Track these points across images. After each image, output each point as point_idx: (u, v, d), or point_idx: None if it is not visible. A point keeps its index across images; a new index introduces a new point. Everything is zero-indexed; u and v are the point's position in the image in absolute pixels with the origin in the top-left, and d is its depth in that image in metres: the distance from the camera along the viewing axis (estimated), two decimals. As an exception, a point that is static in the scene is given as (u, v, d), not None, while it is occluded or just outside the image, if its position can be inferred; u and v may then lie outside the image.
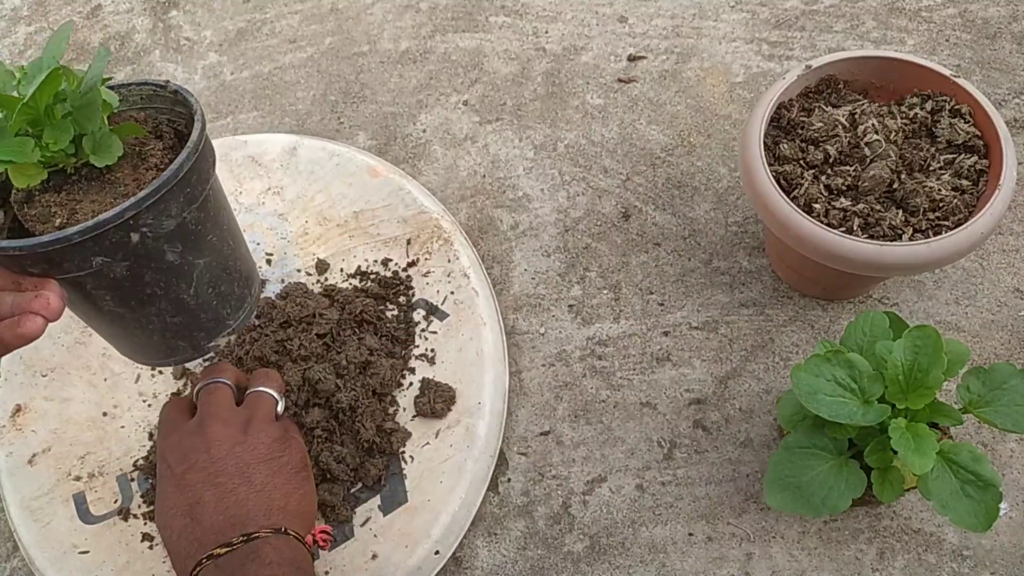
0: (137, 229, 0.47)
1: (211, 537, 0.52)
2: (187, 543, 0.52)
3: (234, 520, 0.52)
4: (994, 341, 0.72)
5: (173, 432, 0.58)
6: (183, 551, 0.52)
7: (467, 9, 0.98)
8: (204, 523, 0.52)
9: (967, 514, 0.51)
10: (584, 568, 0.66)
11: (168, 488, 0.55)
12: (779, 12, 0.93)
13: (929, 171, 0.65)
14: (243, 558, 0.50)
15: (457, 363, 0.72)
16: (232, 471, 0.55)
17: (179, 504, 0.54)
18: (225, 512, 0.53)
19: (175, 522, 0.53)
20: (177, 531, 0.53)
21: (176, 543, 0.53)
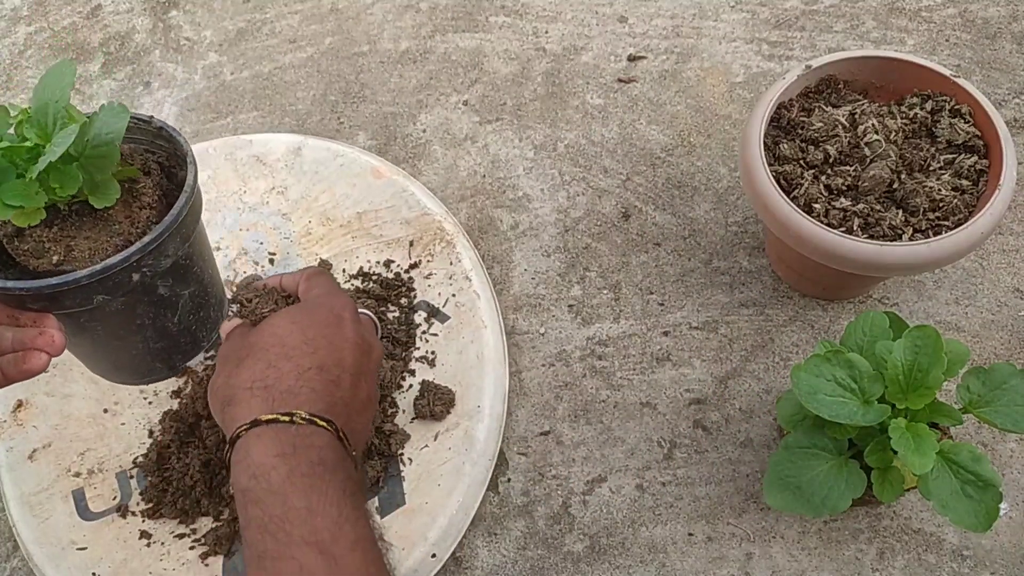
0: (139, 270, 0.49)
1: (342, 414, 0.47)
2: (322, 388, 0.47)
3: (357, 428, 0.48)
4: (994, 341, 0.72)
5: (350, 305, 0.53)
6: (316, 385, 0.47)
7: (467, 9, 0.98)
8: (344, 396, 0.48)
9: (967, 514, 0.51)
10: (584, 568, 0.66)
11: (334, 325, 0.50)
12: (779, 12, 0.93)
13: (929, 171, 0.65)
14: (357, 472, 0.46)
15: (457, 366, 0.72)
16: (371, 392, 0.51)
17: (338, 350, 0.49)
18: (358, 414, 0.49)
19: (320, 353, 0.48)
20: (319, 363, 0.48)
21: (312, 371, 0.47)
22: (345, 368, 0.49)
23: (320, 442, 0.44)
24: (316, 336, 0.49)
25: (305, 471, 0.42)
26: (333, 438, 0.45)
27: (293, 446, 0.43)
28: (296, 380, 0.46)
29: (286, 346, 0.48)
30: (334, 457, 0.44)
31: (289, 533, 0.40)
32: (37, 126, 0.47)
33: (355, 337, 0.51)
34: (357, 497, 0.43)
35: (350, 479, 0.44)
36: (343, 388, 0.48)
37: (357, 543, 0.41)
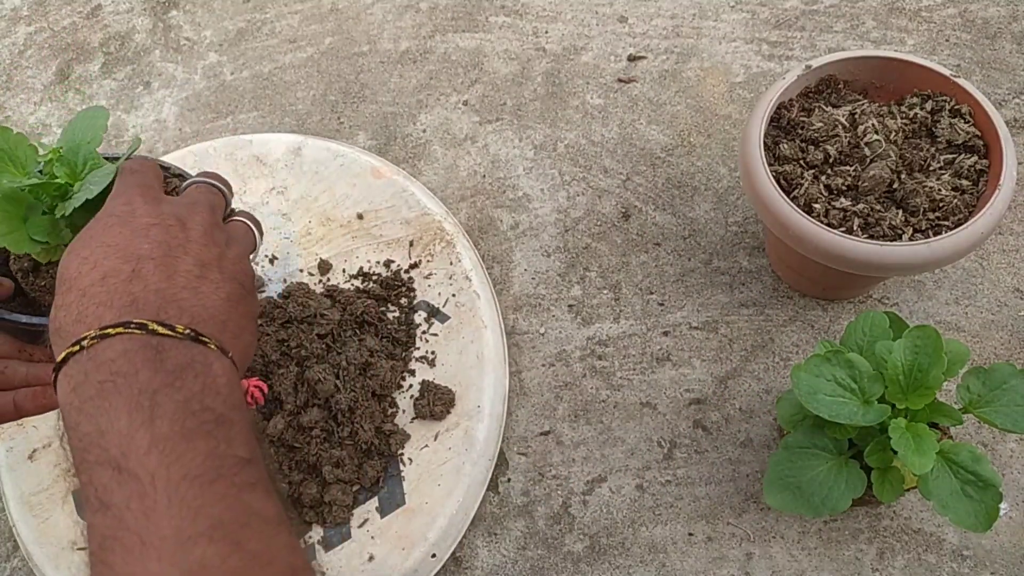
0: None
1: (152, 304, 0.40)
2: (114, 293, 0.40)
3: (184, 306, 0.41)
4: (994, 341, 0.72)
5: (151, 188, 0.47)
6: (103, 298, 0.40)
7: (467, 9, 0.98)
8: (149, 284, 0.40)
9: (967, 514, 0.51)
10: (584, 568, 0.66)
11: (115, 224, 0.43)
12: (779, 12, 0.93)
13: (929, 171, 0.65)
14: (188, 353, 0.39)
15: (457, 366, 0.72)
16: (202, 262, 0.43)
17: (125, 247, 0.42)
18: (179, 291, 0.41)
19: (108, 261, 0.41)
20: (104, 271, 0.41)
21: (95, 285, 0.40)
22: (142, 256, 0.41)
23: (112, 354, 0.38)
24: (94, 249, 0.42)
25: (93, 393, 0.37)
26: (133, 338, 0.38)
27: (85, 373, 0.38)
28: (79, 305, 0.40)
29: (66, 279, 0.42)
30: (131, 362, 0.38)
31: (85, 460, 0.37)
32: (67, 165, 0.48)
33: (149, 220, 0.43)
34: (166, 392, 0.37)
35: (160, 372, 0.38)
36: (143, 277, 0.41)
37: (153, 445, 0.36)
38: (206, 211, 0.46)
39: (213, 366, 0.39)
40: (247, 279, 0.45)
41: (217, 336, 0.41)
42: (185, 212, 0.45)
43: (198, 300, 0.41)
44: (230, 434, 0.37)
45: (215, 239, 0.45)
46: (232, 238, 0.47)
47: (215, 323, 0.41)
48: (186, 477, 0.35)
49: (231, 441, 0.37)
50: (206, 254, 0.44)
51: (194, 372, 0.38)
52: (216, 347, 0.40)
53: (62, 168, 0.48)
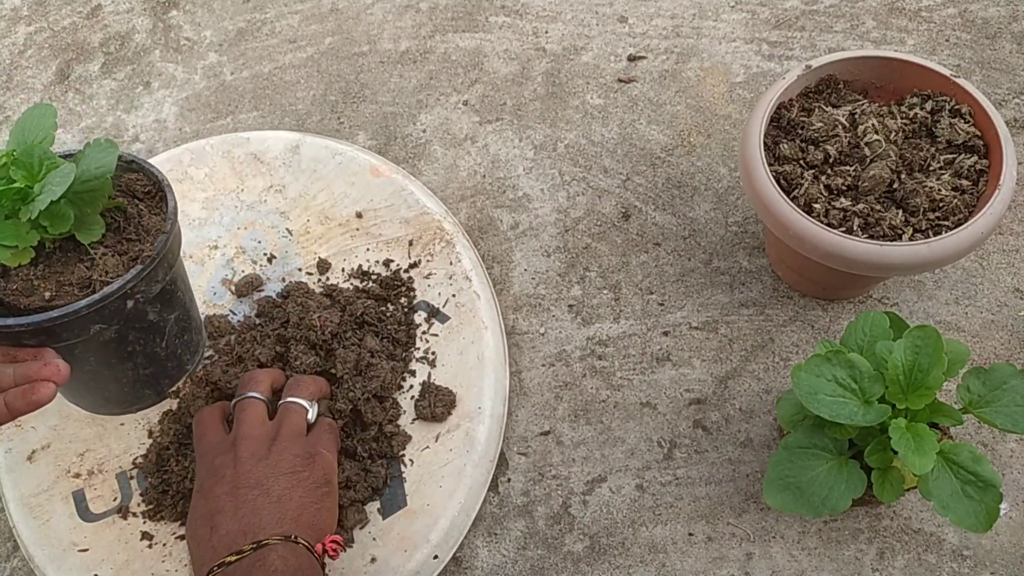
0: (132, 296, 0.51)
1: (225, 544, 0.54)
2: (205, 551, 0.54)
3: (247, 528, 0.54)
4: (994, 341, 0.72)
5: (208, 451, 0.60)
6: (202, 558, 0.54)
7: (467, 9, 0.98)
8: (220, 531, 0.54)
9: (967, 514, 0.51)
10: (584, 568, 0.66)
11: (198, 500, 0.58)
12: (779, 12, 0.93)
13: (929, 171, 0.65)
14: (250, 565, 0.52)
15: (458, 366, 0.72)
16: (252, 483, 0.56)
17: (203, 514, 0.56)
18: (240, 521, 0.55)
19: (199, 531, 0.56)
20: (199, 540, 0.55)
21: (197, 551, 0.55)
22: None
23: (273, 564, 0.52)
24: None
25: None
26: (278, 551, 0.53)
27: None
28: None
29: (203, 513, 0.57)
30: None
31: None
32: (24, 167, 0.48)
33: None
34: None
35: None
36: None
37: None
38: (244, 442, 0.59)
39: (268, 558, 0.53)
40: (296, 460, 0.59)
41: (277, 530, 0.55)
42: (231, 457, 0.59)
43: (255, 516, 0.55)
44: None
45: (258, 455, 0.59)
46: (273, 438, 0.60)
47: (273, 521, 0.55)
48: None
49: None
50: (255, 474, 0.58)
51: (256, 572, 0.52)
52: (276, 539, 0.54)
53: (19, 171, 0.48)
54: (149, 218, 0.54)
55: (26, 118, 0.51)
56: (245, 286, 0.77)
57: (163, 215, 0.54)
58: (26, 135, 0.50)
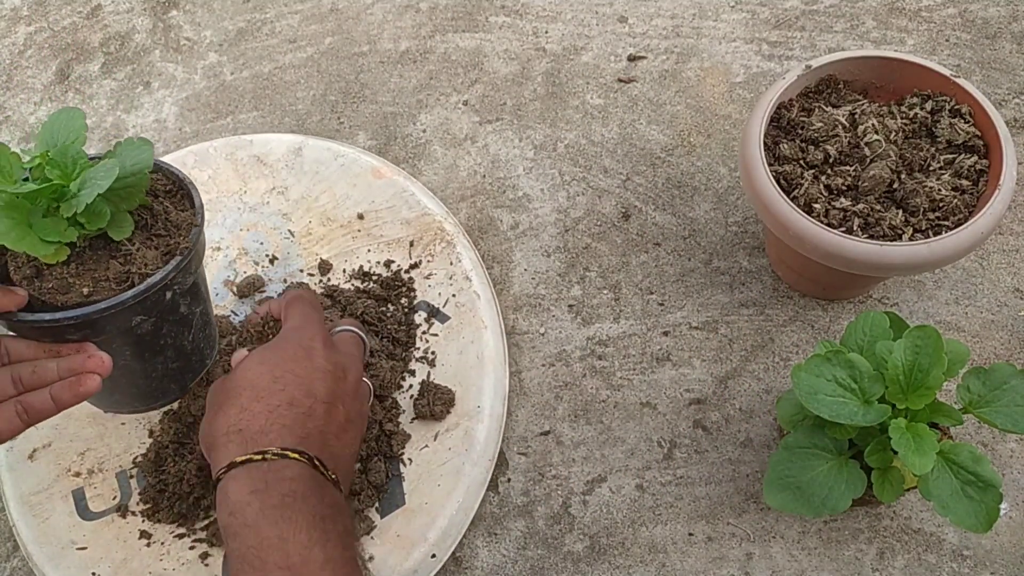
0: (171, 287, 0.52)
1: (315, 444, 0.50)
2: (294, 423, 0.50)
3: (335, 453, 0.51)
4: (994, 341, 0.72)
5: (323, 329, 0.56)
6: (284, 423, 0.49)
7: (467, 9, 0.98)
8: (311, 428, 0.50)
9: (967, 515, 0.51)
10: (584, 568, 0.66)
11: (302, 358, 0.53)
12: (779, 12, 0.93)
13: (929, 171, 0.65)
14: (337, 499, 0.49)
15: (457, 366, 0.72)
16: (349, 417, 0.54)
17: (304, 384, 0.52)
18: (332, 437, 0.52)
19: (292, 390, 0.51)
20: (288, 400, 0.50)
21: (279, 409, 0.50)
22: (317, 397, 0.52)
23: (291, 474, 0.47)
24: (284, 373, 0.51)
25: (276, 503, 0.45)
26: (306, 467, 0.48)
27: (265, 482, 0.46)
28: (266, 419, 0.49)
29: (256, 388, 0.50)
30: (305, 487, 0.47)
31: (264, 560, 0.44)
32: (58, 167, 0.49)
33: (325, 365, 0.53)
34: (330, 521, 0.47)
35: (324, 503, 0.47)
36: (316, 417, 0.51)
37: (327, 563, 0.45)
38: (358, 367, 0.57)
39: (346, 510, 0.50)
40: (364, 429, 0.57)
41: (343, 479, 0.52)
42: (347, 364, 0.56)
43: (341, 449, 0.52)
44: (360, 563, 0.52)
45: (361, 395, 0.56)
46: (365, 393, 0.58)
47: (345, 471, 0.53)
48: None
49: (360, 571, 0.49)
50: (353, 409, 0.55)
51: (340, 510, 0.48)
52: (340, 487, 0.50)
53: (54, 171, 0.49)
54: (176, 214, 0.55)
55: (54, 121, 0.52)
56: (247, 287, 0.77)
57: (190, 211, 0.55)
58: (56, 137, 0.51)
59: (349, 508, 0.51)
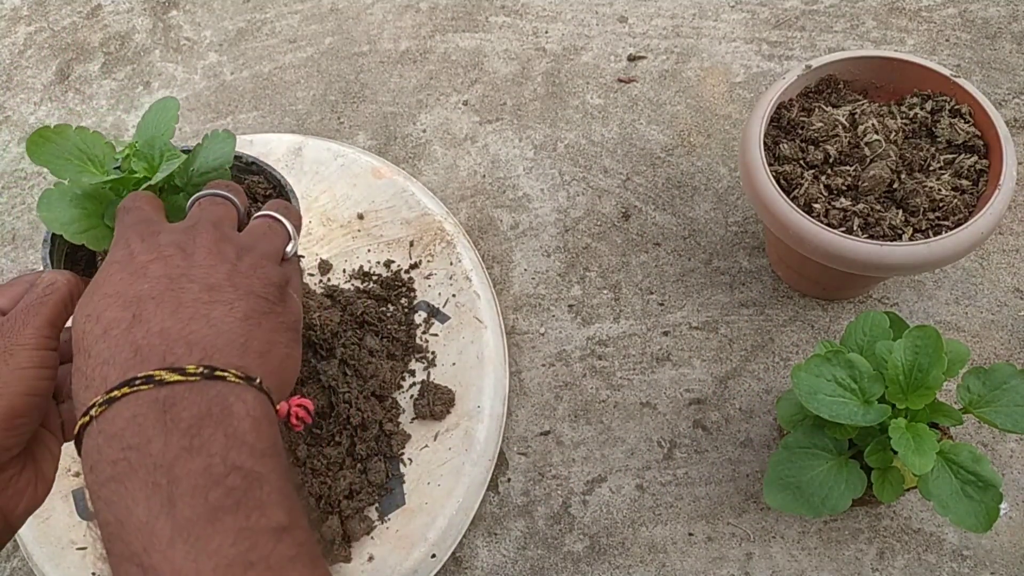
0: None
1: (154, 348, 0.34)
2: (116, 346, 0.35)
3: (193, 340, 0.35)
4: (994, 341, 0.72)
5: (148, 222, 0.41)
6: (107, 355, 0.35)
7: (467, 9, 0.98)
8: (148, 325, 0.35)
9: (967, 515, 0.51)
10: (584, 568, 0.66)
11: (115, 272, 0.38)
12: (779, 12, 0.93)
13: (929, 171, 0.65)
14: (203, 400, 0.33)
15: (457, 366, 0.72)
16: (209, 284, 0.38)
17: (125, 292, 0.37)
18: (183, 323, 0.35)
19: (109, 312, 0.36)
20: (106, 324, 0.35)
21: (99, 342, 0.35)
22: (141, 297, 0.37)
23: (120, 424, 0.33)
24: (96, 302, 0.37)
25: (107, 476, 0.33)
26: (140, 397, 0.33)
27: (98, 450, 0.34)
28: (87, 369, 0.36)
29: (76, 342, 0.37)
30: (139, 432, 0.33)
31: (111, 552, 0.32)
32: (144, 159, 0.48)
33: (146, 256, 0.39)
34: (183, 462, 0.32)
35: (175, 434, 0.33)
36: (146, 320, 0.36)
37: (176, 535, 0.31)
38: (208, 229, 0.41)
39: (234, 407, 0.34)
40: (270, 288, 0.40)
41: (237, 362, 0.35)
42: (184, 237, 0.40)
43: (210, 328, 0.36)
44: (261, 496, 0.32)
45: (224, 255, 0.40)
46: (245, 246, 0.41)
47: (234, 348, 0.36)
48: (216, 569, 0.30)
49: (264, 507, 0.32)
50: (214, 275, 0.38)
51: (212, 422, 0.33)
52: (238, 377, 0.35)
53: (139, 163, 0.48)
54: None
55: (151, 113, 0.51)
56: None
57: None
58: (149, 128, 0.50)
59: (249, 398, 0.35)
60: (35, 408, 0.40)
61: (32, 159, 0.46)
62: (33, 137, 0.46)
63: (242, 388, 0.35)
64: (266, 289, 0.40)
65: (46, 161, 0.47)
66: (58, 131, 0.47)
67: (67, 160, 0.47)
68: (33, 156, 0.46)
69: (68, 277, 0.43)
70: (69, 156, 0.47)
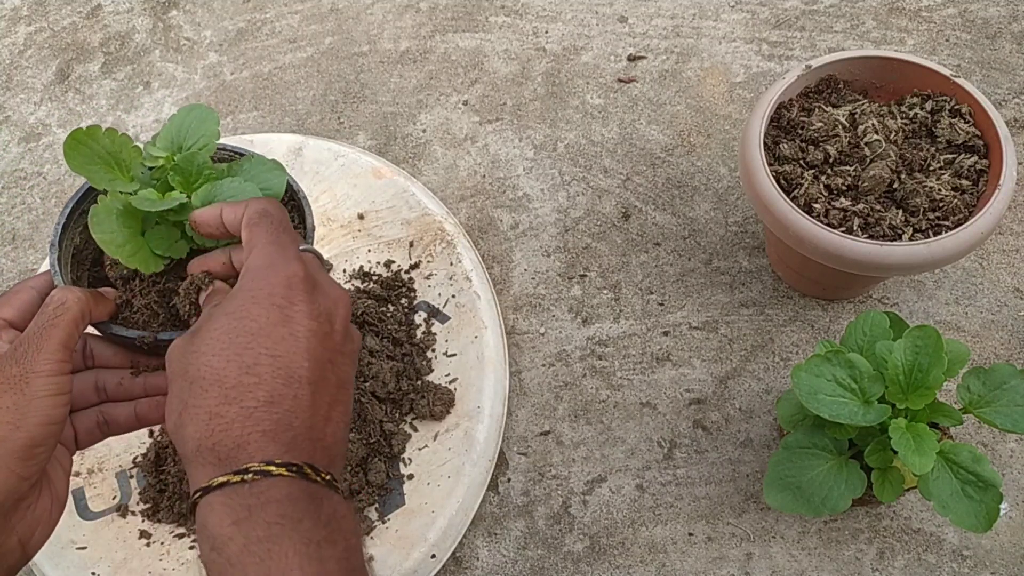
0: None
1: (305, 445, 0.39)
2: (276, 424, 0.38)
3: (326, 445, 0.40)
4: (994, 341, 0.72)
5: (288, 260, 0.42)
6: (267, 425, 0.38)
7: (467, 9, 0.98)
8: (303, 418, 0.39)
9: (967, 515, 0.51)
10: (584, 568, 0.66)
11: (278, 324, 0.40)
12: (779, 12, 0.93)
13: (929, 171, 0.65)
14: (330, 504, 0.39)
15: (457, 366, 0.72)
16: (341, 381, 0.41)
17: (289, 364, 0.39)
18: (324, 424, 0.40)
19: (273, 381, 0.39)
20: (269, 392, 0.39)
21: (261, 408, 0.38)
22: (302, 380, 0.40)
23: (278, 494, 0.38)
24: (258, 357, 0.39)
25: (262, 535, 0.37)
26: (295, 482, 0.38)
27: (248, 508, 0.37)
28: (242, 428, 0.38)
29: (224, 385, 0.39)
30: (296, 508, 0.38)
31: None
32: (182, 175, 0.45)
33: (310, 325, 0.40)
34: (328, 544, 0.38)
35: (320, 522, 0.38)
36: (302, 409, 0.40)
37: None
38: (346, 309, 0.43)
39: (347, 516, 0.40)
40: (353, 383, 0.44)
41: (336, 471, 0.41)
42: (332, 308, 0.42)
43: (331, 435, 0.41)
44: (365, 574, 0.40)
45: (351, 348, 0.43)
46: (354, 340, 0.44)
47: (338, 458, 0.41)
48: None
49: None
50: (343, 369, 0.42)
51: (339, 523, 0.39)
52: (333, 486, 0.40)
53: (176, 178, 0.45)
54: None
55: (185, 118, 0.47)
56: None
57: (300, 230, 0.50)
58: (184, 137, 0.47)
59: (350, 506, 0.42)
60: (53, 436, 0.40)
61: (70, 166, 0.44)
62: (68, 142, 0.43)
63: (340, 498, 0.40)
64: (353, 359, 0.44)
65: (81, 167, 0.44)
66: (89, 133, 0.44)
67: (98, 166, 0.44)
68: (71, 162, 0.44)
69: (78, 296, 0.42)
70: (99, 162, 0.44)
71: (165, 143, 0.47)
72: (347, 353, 0.43)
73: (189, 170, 0.45)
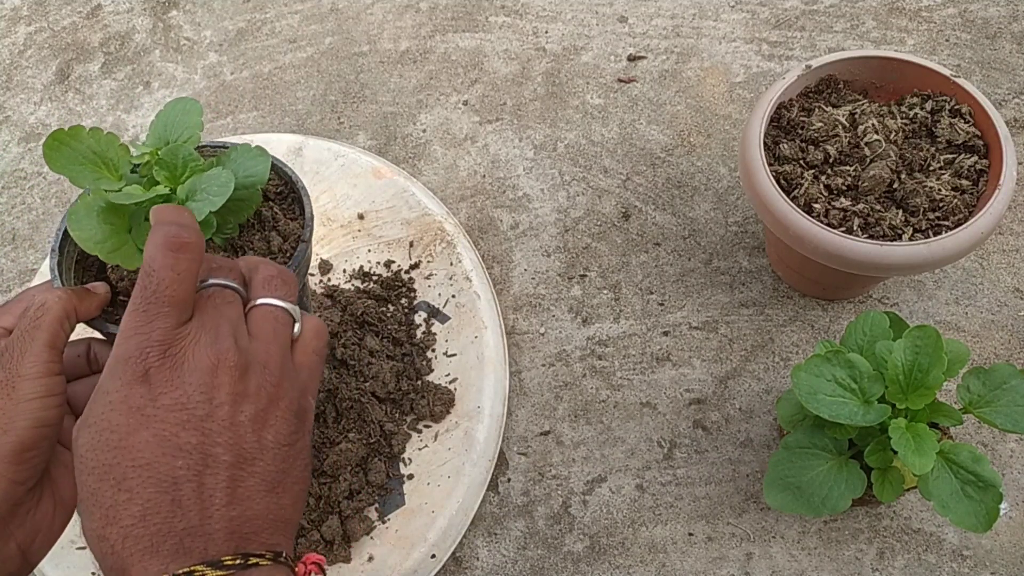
0: None
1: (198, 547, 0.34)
2: (159, 536, 0.34)
3: (230, 528, 0.35)
4: (994, 341, 0.72)
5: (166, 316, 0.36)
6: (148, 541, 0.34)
7: (467, 9, 0.98)
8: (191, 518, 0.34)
9: (967, 515, 0.51)
10: (584, 568, 0.66)
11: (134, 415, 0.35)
12: (779, 12, 0.93)
13: (929, 171, 0.65)
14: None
15: (457, 366, 0.72)
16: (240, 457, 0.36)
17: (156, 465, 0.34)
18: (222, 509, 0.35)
19: (143, 490, 0.34)
20: (144, 507, 0.34)
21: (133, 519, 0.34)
22: (177, 482, 0.35)
23: None
24: (125, 472, 0.35)
25: None
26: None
27: None
28: (123, 548, 0.34)
29: (103, 506, 0.34)
30: None
31: None
32: (167, 168, 0.45)
33: (174, 424, 0.35)
34: None
35: None
36: (184, 510, 0.35)
37: None
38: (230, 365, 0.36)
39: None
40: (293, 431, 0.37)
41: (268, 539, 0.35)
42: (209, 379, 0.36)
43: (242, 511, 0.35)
44: None
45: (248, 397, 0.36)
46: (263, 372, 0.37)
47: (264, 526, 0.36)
48: None
49: None
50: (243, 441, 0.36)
51: None
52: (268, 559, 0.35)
53: (162, 172, 0.45)
54: (285, 223, 0.51)
55: (169, 112, 0.47)
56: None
57: (300, 219, 0.51)
58: (169, 131, 0.47)
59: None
60: (45, 438, 0.39)
61: (50, 167, 0.43)
62: (48, 142, 0.42)
63: (272, 568, 0.35)
64: (290, 425, 0.38)
65: (63, 168, 0.43)
66: (72, 133, 0.43)
67: (82, 166, 0.44)
68: (51, 163, 0.43)
69: (59, 294, 0.41)
70: (84, 161, 0.44)
71: (153, 139, 0.47)
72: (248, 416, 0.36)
73: (174, 163, 0.45)
